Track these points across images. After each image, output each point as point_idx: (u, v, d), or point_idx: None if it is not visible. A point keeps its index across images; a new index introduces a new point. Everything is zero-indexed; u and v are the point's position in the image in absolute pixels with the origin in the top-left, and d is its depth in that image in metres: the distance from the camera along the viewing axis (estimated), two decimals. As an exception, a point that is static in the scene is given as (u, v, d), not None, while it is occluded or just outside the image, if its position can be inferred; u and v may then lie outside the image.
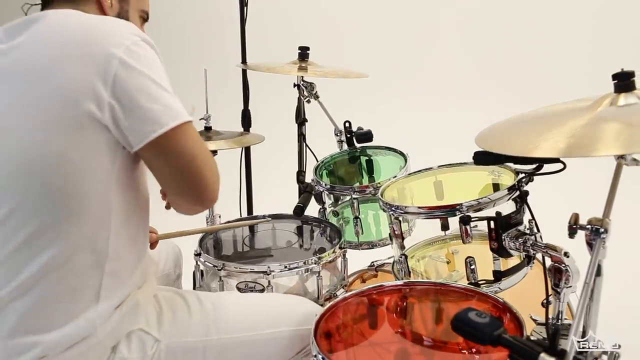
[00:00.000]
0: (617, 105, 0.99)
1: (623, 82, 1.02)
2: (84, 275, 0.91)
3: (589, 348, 0.97)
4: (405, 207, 1.23)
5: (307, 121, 2.02)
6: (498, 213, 1.15)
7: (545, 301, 1.07)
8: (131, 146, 0.91)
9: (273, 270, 1.28)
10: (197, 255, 1.40)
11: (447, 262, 1.46)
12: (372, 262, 1.63)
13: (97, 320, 0.92)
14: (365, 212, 1.62)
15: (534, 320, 1.14)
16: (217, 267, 1.32)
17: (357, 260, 1.68)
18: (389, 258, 1.62)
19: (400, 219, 1.29)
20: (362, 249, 1.60)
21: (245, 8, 2.21)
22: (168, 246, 1.53)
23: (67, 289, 0.90)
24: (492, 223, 1.15)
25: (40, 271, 0.88)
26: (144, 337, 0.99)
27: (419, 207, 1.22)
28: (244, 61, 2.19)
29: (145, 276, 1.05)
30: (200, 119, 1.86)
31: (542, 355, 0.80)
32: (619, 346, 1.02)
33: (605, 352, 1.01)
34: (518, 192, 1.20)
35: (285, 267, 1.29)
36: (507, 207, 1.22)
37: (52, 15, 0.95)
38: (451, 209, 1.18)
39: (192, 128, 0.96)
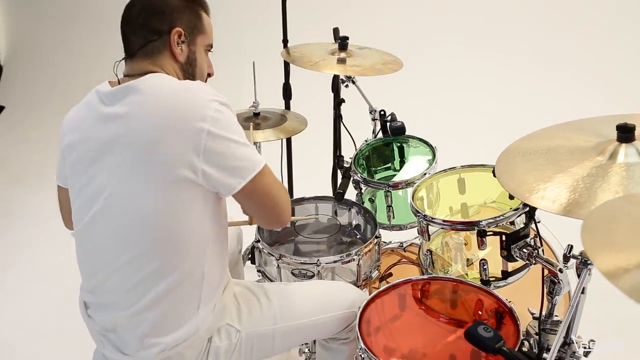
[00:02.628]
0: (616, 161, 1.18)
1: (625, 134, 1.21)
2: (189, 293, 1.21)
3: (568, 348, 1.26)
4: (432, 218, 1.49)
5: (344, 101, 2.23)
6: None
7: (540, 306, 1.35)
8: (222, 194, 1.18)
9: (321, 263, 1.57)
10: (257, 241, 1.69)
11: (465, 244, 1.73)
12: (401, 242, 1.92)
13: (199, 323, 1.23)
14: (397, 198, 1.87)
15: (532, 314, 1.43)
16: (274, 256, 1.61)
17: (387, 235, 1.97)
18: (415, 238, 1.90)
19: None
20: (393, 230, 1.88)
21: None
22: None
23: (178, 305, 1.20)
24: (503, 236, 1.41)
25: (159, 294, 1.18)
26: (229, 329, 1.31)
27: (444, 221, 1.47)
28: (285, 39, 2.34)
29: (227, 279, 1.35)
30: (250, 107, 2.09)
31: (530, 366, 1.10)
32: (593, 341, 1.31)
33: (583, 345, 1.31)
34: (527, 209, 1.44)
35: (332, 260, 1.58)
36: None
37: (147, 87, 1.16)
38: (471, 225, 1.44)
39: (266, 169, 1.20)
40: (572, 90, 3.73)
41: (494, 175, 1.42)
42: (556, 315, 1.37)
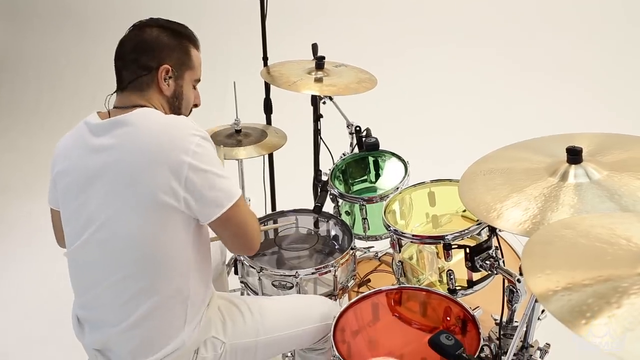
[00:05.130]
0: (566, 181, 1.29)
1: (573, 156, 1.32)
2: (176, 311, 1.31)
3: (525, 352, 1.38)
4: (402, 232, 1.60)
5: (322, 117, 2.33)
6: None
7: (500, 313, 1.46)
8: (200, 221, 1.28)
9: (300, 275, 1.67)
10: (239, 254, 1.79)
11: (437, 253, 1.84)
12: (376, 252, 2.03)
13: (185, 337, 1.33)
14: (373, 210, 1.98)
15: (494, 320, 1.54)
16: (255, 269, 1.71)
17: (363, 243, 2.07)
18: (389, 247, 2.01)
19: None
20: (368, 240, 1.99)
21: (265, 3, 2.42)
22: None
23: (165, 322, 1.30)
24: (467, 249, 1.53)
25: (146, 312, 1.27)
26: (215, 341, 1.40)
27: (414, 235, 1.59)
28: (265, 56, 2.43)
29: (211, 294, 1.45)
30: (232, 124, 2.19)
31: (486, 371, 1.21)
32: (549, 345, 1.43)
33: (539, 349, 1.43)
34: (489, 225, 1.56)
35: (310, 272, 1.69)
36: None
37: (135, 121, 1.26)
38: (438, 238, 1.55)
39: (241, 200, 1.31)
40: (548, 96, 3.89)
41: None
42: (516, 321, 1.49)
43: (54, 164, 1.37)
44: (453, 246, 1.54)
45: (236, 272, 1.91)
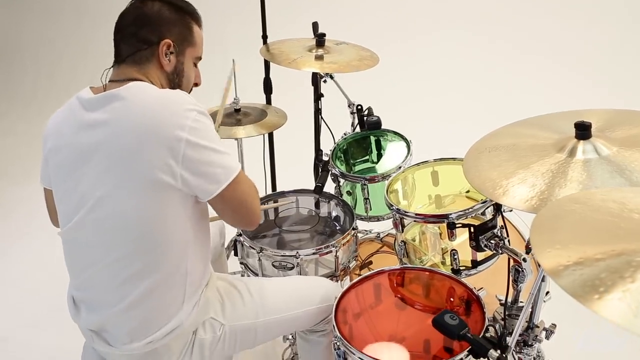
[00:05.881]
0: (574, 158, 1.25)
1: (582, 131, 1.29)
2: (174, 290, 1.27)
3: (530, 333, 1.35)
4: (405, 211, 1.56)
5: (323, 96, 2.28)
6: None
7: (505, 294, 1.43)
8: (199, 199, 1.24)
9: (300, 255, 1.64)
10: (239, 235, 1.76)
11: (440, 233, 1.81)
12: (378, 233, 1.99)
13: (183, 317, 1.29)
14: (374, 190, 1.94)
15: (499, 300, 1.51)
16: (255, 249, 1.68)
17: (365, 225, 2.04)
18: (391, 228, 1.97)
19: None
20: (370, 221, 1.95)
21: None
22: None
23: (163, 302, 1.26)
24: (471, 228, 1.49)
25: (143, 292, 1.24)
26: (214, 323, 1.37)
27: (417, 214, 1.55)
28: (264, 35, 2.38)
29: (209, 275, 1.41)
30: (232, 104, 2.14)
31: (491, 351, 1.18)
32: (555, 325, 1.40)
33: (545, 329, 1.40)
34: (494, 203, 1.52)
35: (310, 252, 1.65)
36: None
37: (129, 95, 1.21)
38: (442, 217, 1.51)
39: (241, 175, 1.27)
40: (548, 84, 3.83)
41: (464, 171, 1.50)
42: (521, 302, 1.46)
43: (45, 140, 1.33)
44: (457, 225, 1.50)
45: (236, 254, 1.88)
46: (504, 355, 1.17)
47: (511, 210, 1.65)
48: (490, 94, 3.84)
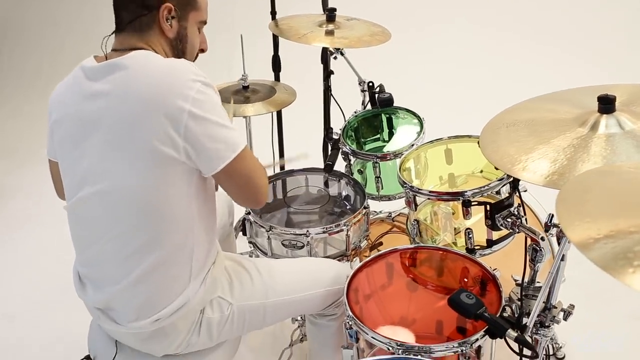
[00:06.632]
0: (597, 132, 1.20)
1: (606, 105, 1.23)
2: (180, 266, 1.24)
3: (548, 313, 1.30)
4: (419, 189, 1.52)
5: (333, 73, 2.23)
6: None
7: (522, 273, 1.38)
8: (203, 174, 1.20)
9: (311, 234, 1.60)
10: (248, 213, 1.72)
11: (453, 213, 1.77)
12: (389, 213, 1.95)
13: (190, 294, 1.26)
14: (386, 169, 1.90)
15: (515, 280, 1.47)
16: (265, 228, 1.64)
17: (378, 204, 2.00)
18: (403, 208, 1.93)
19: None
20: (381, 200, 1.91)
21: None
22: (220, 198, 1.85)
23: (169, 279, 1.23)
24: (487, 206, 1.44)
25: (148, 268, 1.21)
26: (221, 302, 1.34)
27: (430, 192, 1.50)
28: (273, 10, 2.32)
29: (216, 252, 1.38)
30: (239, 80, 2.09)
31: (509, 330, 1.14)
32: (573, 306, 1.36)
33: (562, 310, 1.36)
34: (512, 179, 1.47)
35: (321, 231, 1.61)
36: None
37: (132, 65, 1.17)
38: (458, 195, 1.46)
39: (246, 151, 1.22)
40: (563, 62, 3.74)
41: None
42: (538, 282, 1.41)
43: (50, 112, 1.29)
44: (473, 203, 1.46)
45: (244, 233, 1.84)
46: (523, 335, 1.14)
47: (525, 191, 1.61)
48: (509, 75, 3.74)
